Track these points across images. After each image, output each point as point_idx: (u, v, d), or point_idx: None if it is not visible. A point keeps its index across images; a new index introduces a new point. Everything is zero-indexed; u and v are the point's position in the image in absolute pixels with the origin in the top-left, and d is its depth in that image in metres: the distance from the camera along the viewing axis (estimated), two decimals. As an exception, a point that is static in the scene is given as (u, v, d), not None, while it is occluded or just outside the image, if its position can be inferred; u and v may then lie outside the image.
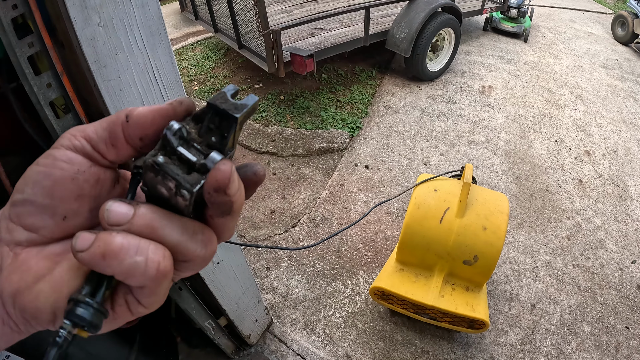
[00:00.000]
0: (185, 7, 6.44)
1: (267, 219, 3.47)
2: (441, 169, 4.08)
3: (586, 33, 8.23)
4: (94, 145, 0.31)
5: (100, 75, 0.92)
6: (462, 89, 5.53)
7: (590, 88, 5.96)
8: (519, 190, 3.92)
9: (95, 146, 0.31)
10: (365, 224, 3.41)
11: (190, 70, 5.82)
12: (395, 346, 2.60)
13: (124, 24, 0.92)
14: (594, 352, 2.65)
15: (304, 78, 5.40)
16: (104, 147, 0.31)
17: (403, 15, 5.01)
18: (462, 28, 5.85)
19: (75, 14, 0.83)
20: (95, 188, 0.32)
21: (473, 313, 2.21)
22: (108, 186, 0.33)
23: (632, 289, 3.08)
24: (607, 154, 4.56)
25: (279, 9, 5.79)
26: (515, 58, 6.59)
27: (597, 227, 3.60)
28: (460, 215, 2.21)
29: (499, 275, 3.07)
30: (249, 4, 4.06)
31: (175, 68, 1.08)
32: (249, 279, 2.06)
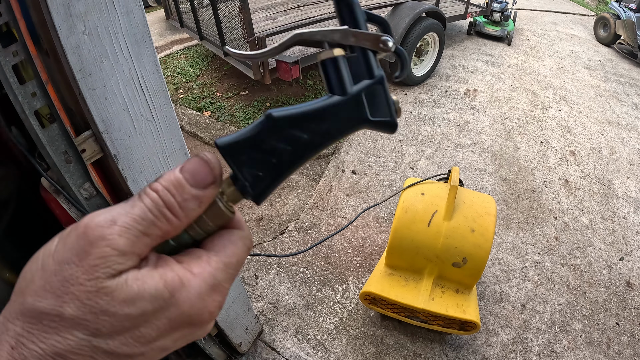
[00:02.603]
0: (170, 14, 6.42)
1: (255, 226, 3.45)
2: (428, 173, 4.10)
3: (569, 35, 8.36)
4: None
5: (85, 83, 0.90)
6: (447, 93, 5.57)
7: (574, 89, 6.04)
8: (505, 191, 3.95)
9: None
10: (354, 229, 3.40)
11: (175, 78, 5.79)
12: (387, 350, 2.59)
13: (109, 32, 0.91)
14: (585, 350, 2.66)
15: (290, 85, 5.40)
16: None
17: (387, 20, 5.03)
18: (447, 32, 5.90)
19: (60, 22, 0.81)
20: None
21: (464, 315, 2.20)
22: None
23: (621, 286, 3.10)
24: (592, 153, 4.61)
25: (264, 15, 5.79)
26: (499, 61, 6.67)
27: (584, 226, 3.63)
28: (448, 218, 2.21)
29: (488, 277, 3.08)
30: (234, 11, 4.06)
31: (160, 76, 1.07)
32: (238, 287, 2.04)
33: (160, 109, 1.06)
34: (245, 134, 0.35)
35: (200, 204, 0.32)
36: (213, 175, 0.33)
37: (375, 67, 0.39)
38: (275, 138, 0.35)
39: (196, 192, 0.32)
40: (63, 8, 0.81)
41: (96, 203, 1.01)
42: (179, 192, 0.31)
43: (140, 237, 0.29)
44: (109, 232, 0.28)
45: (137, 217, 0.29)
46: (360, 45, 0.39)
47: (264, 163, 0.35)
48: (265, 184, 0.36)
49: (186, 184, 0.32)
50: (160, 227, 0.30)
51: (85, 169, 0.95)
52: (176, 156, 1.14)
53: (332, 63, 0.38)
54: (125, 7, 0.91)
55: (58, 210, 1.01)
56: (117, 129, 0.97)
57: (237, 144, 0.35)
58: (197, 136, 4.57)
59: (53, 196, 0.96)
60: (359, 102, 0.38)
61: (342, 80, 0.38)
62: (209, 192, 0.33)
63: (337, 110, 0.37)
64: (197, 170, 0.32)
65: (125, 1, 0.91)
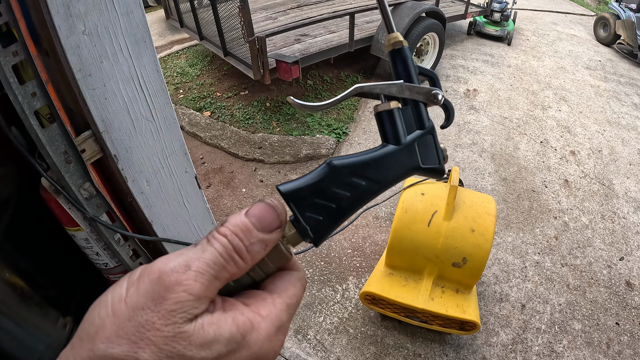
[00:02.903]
0: (170, 14, 6.42)
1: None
2: (429, 172, 4.09)
3: (569, 35, 8.36)
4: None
5: (85, 83, 0.90)
6: (447, 93, 5.57)
7: (574, 89, 6.04)
8: (505, 191, 3.95)
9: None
10: (354, 229, 3.40)
11: (175, 78, 5.79)
12: (387, 350, 2.59)
13: (109, 32, 0.90)
14: (585, 349, 2.66)
15: (290, 84, 5.40)
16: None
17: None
18: (447, 32, 5.90)
19: (60, 22, 0.81)
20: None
21: (464, 315, 2.20)
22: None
23: (620, 286, 3.10)
24: (592, 153, 4.61)
25: (264, 15, 5.79)
26: (499, 61, 6.67)
27: (584, 226, 3.63)
28: (448, 218, 2.21)
29: (488, 277, 3.08)
30: (234, 11, 4.05)
31: (160, 76, 1.07)
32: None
33: (160, 109, 1.06)
34: (307, 181, 0.38)
35: (265, 247, 0.34)
36: (279, 221, 0.35)
37: (426, 119, 0.43)
38: (336, 185, 0.38)
39: (262, 237, 0.33)
40: (63, 8, 0.81)
41: (96, 203, 1.01)
42: (247, 237, 0.33)
43: (212, 281, 0.31)
44: (185, 278, 0.29)
45: (209, 262, 0.31)
46: (414, 98, 0.43)
47: (325, 208, 0.38)
48: (325, 228, 0.38)
49: (253, 228, 0.33)
50: (229, 271, 0.32)
51: (85, 169, 0.95)
52: (176, 156, 1.14)
53: (388, 115, 0.42)
54: (125, 7, 0.91)
55: (58, 210, 1.01)
56: (117, 129, 0.97)
57: (300, 191, 0.37)
58: (197, 136, 4.57)
59: (53, 196, 0.96)
60: (412, 151, 0.42)
61: (397, 131, 0.42)
62: (275, 236, 0.34)
63: (392, 158, 0.41)
64: (264, 216, 0.34)
65: (125, 1, 0.91)
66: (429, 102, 0.44)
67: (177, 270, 0.29)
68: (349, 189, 0.39)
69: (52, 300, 1.12)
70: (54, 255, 1.20)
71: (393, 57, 0.44)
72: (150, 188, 1.10)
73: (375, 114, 0.43)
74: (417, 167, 0.42)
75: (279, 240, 0.36)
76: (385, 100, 0.43)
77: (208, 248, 0.31)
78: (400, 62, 0.44)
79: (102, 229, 1.03)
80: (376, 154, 0.40)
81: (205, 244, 0.32)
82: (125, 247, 1.13)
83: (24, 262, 1.06)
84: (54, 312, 1.11)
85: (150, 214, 1.13)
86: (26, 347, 0.96)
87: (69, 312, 1.15)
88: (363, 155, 0.40)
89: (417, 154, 0.42)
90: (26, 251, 1.08)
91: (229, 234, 0.32)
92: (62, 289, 1.18)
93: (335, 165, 0.38)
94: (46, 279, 1.13)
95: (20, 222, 1.06)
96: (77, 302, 1.21)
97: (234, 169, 4.09)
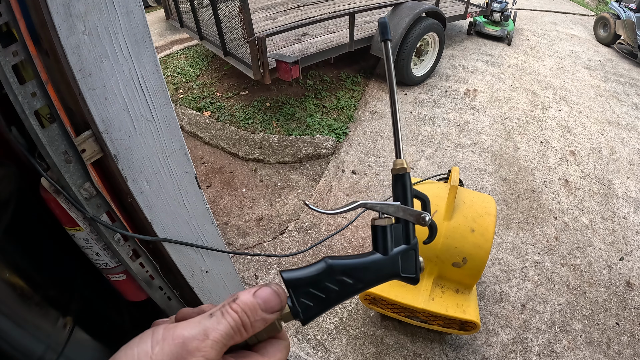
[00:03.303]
0: (170, 14, 6.42)
1: (255, 226, 3.45)
2: (428, 173, 4.10)
3: (569, 35, 8.36)
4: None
5: (85, 83, 0.90)
6: (447, 93, 5.57)
7: (574, 89, 6.04)
8: (505, 191, 3.95)
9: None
10: (354, 229, 3.40)
11: (175, 78, 5.79)
12: (387, 350, 2.59)
13: (109, 32, 0.90)
14: (585, 349, 2.66)
15: (290, 85, 5.40)
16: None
17: (388, 20, 5.03)
18: (446, 32, 5.90)
19: (60, 22, 0.81)
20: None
21: (464, 315, 2.20)
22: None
23: (620, 286, 3.10)
24: (592, 153, 4.61)
25: (264, 15, 5.80)
26: (499, 61, 6.67)
27: (584, 226, 3.63)
28: (448, 218, 2.21)
29: (488, 277, 3.08)
30: (234, 11, 4.05)
31: (160, 76, 1.06)
32: (238, 287, 2.03)
33: (160, 109, 1.06)
34: (306, 273, 0.46)
35: (265, 323, 0.42)
36: (280, 305, 0.43)
37: (412, 236, 0.52)
38: (328, 280, 0.47)
39: (265, 316, 0.41)
40: (63, 8, 0.81)
41: (96, 203, 1.01)
42: (252, 314, 0.41)
43: (222, 348, 0.39)
44: (204, 345, 0.37)
45: (223, 333, 0.39)
46: (406, 218, 0.52)
47: (316, 297, 0.46)
48: (314, 312, 0.47)
49: (259, 308, 0.41)
50: (235, 339, 0.40)
51: (85, 169, 0.95)
52: (176, 156, 1.14)
53: (381, 230, 0.51)
54: (125, 7, 0.91)
55: (58, 210, 1.01)
56: (117, 129, 0.97)
57: (299, 280, 0.46)
58: (197, 136, 4.57)
59: (53, 196, 0.96)
60: (394, 262, 0.51)
61: (386, 245, 0.51)
62: (274, 317, 0.43)
63: (378, 265, 0.50)
64: (269, 299, 0.42)
65: (125, 1, 0.91)
66: (417, 223, 0.52)
67: (197, 338, 0.37)
68: (338, 284, 0.47)
69: (52, 300, 1.12)
70: (54, 255, 1.20)
71: (396, 180, 0.54)
72: (150, 188, 1.10)
73: (371, 225, 0.52)
74: (397, 274, 0.51)
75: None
76: (381, 216, 0.52)
77: (222, 321, 0.39)
78: (401, 187, 0.53)
79: (102, 229, 1.03)
80: (365, 260, 0.49)
81: (219, 316, 0.39)
82: (125, 247, 1.14)
83: (24, 262, 1.06)
84: (54, 312, 1.11)
85: (150, 214, 1.13)
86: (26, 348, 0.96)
87: (69, 312, 1.15)
88: (354, 259, 0.49)
89: (399, 264, 0.51)
90: (26, 251, 1.08)
91: (239, 311, 0.40)
92: (62, 289, 1.18)
93: (330, 264, 0.47)
94: (46, 279, 1.13)
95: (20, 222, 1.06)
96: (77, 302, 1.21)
97: (234, 169, 4.09)
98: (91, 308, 1.34)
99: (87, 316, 1.25)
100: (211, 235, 1.50)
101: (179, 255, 1.35)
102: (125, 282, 1.22)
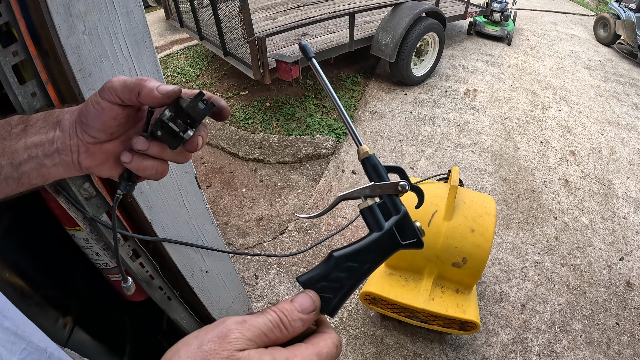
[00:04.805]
0: (170, 14, 6.42)
1: (255, 226, 3.45)
2: (428, 173, 4.10)
3: (569, 35, 8.36)
4: (123, 100, 0.51)
5: (85, 83, 0.90)
6: (447, 93, 5.57)
7: (574, 89, 6.04)
8: (505, 191, 3.95)
9: (124, 100, 0.51)
10: (354, 229, 3.40)
11: (175, 78, 5.79)
12: (387, 350, 2.59)
13: (109, 32, 0.90)
14: (585, 350, 2.66)
15: (290, 84, 5.40)
16: (129, 101, 0.51)
17: (387, 20, 5.04)
18: (446, 32, 5.90)
19: (60, 22, 0.81)
20: (128, 118, 0.55)
21: (464, 315, 2.20)
22: (135, 115, 0.57)
23: (620, 286, 3.10)
24: (592, 153, 4.62)
25: (264, 15, 5.80)
26: (499, 61, 6.67)
27: (584, 226, 3.63)
28: (448, 218, 2.21)
29: (488, 277, 3.08)
30: (234, 11, 4.05)
31: (160, 76, 1.07)
32: (238, 287, 2.03)
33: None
34: (317, 272, 0.50)
35: (304, 324, 0.47)
36: (315, 307, 0.48)
37: (400, 205, 0.54)
38: (337, 270, 0.50)
39: (301, 316, 0.46)
40: (63, 8, 0.81)
41: (96, 203, 1.01)
42: (289, 315, 0.46)
43: (260, 335, 0.43)
44: (241, 327, 0.42)
45: (260, 323, 0.43)
46: (386, 193, 0.54)
47: (332, 288, 0.50)
48: (334, 303, 0.51)
49: (295, 310, 0.46)
50: (275, 334, 0.44)
51: (85, 169, 0.95)
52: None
53: (368, 210, 0.54)
54: (125, 7, 0.91)
55: (58, 210, 1.01)
56: (117, 129, 0.97)
57: (312, 279, 0.50)
58: (197, 136, 4.56)
59: (53, 196, 0.96)
60: (391, 234, 0.52)
61: (377, 222, 0.53)
62: (311, 317, 0.47)
63: (377, 243, 0.52)
64: (304, 302, 0.47)
65: (125, 1, 0.91)
66: (397, 192, 0.54)
67: (237, 321, 0.43)
68: (347, 271, 0.50)
69: (52, 300, 1.12)
70: (54, 255, 1.20)
71: (364, 164, 0.57)
72: (150, 188, 1.10)
73: (359, 211, 0.55)
74: (399, 245, 0.53)
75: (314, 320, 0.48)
76: (364, 200, 0.55)
77: (262, 316, 0.44)
78: (371, 167, 0.56)
79: (102, 229, 1.03)
80: (364, 242, 0.51)
81: (260, 314, 0.45)
82: (125, 247, 1.13)
83: (24, 262, 1.06)
84: (54, 312, 1.11)
85: (150, 214, 1.13)
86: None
87: (69, 312, 1.16)
88: (356, 244, 0.51)
89: (396, 235, 0.52)
90: (26, 251, 1.08)
91: (277, 311, 0.45)
92: (62, 289, 1.18)
93: (335, 256, 0.50)
94: (46, 279, 1.13)
95: (20, 222, 1.06)
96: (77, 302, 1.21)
97: (234, 169, 4.09)
98: (91, 308, 1.34)
99: (87, 316, 1.26)
100: (211, 235, 1.50)
101: (179, 255, 1.35)
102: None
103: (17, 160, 0.53)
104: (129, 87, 0.51)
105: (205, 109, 0.53)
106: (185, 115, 0.52)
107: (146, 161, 0.55)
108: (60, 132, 0.55)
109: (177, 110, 0.52)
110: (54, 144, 0.54)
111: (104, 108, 0.52)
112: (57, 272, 1.18)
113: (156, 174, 0.57)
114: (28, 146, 0.54)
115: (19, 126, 0.55)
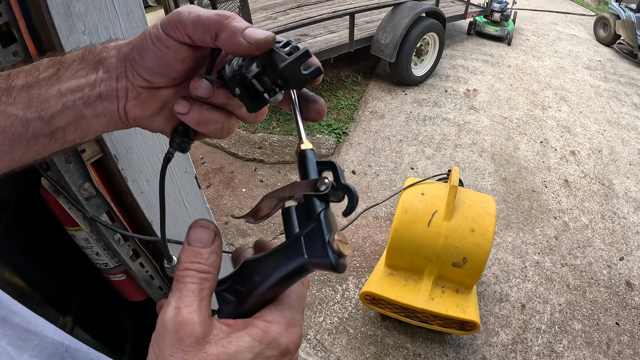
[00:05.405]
0: (169, 16, 6.41)
1: (255, 226, 3.45)
2: (428, 173, 4.10)
3: (569, 35, 8.36)
4: (194, 40, 0.41)
5: (85, 83, 0.90)
6: (447, 93, 5.57)
7: (574, 89, 6.04)
8: (505, 191, 3.95)
9: (195, 40, 0.41)
10: (354, 229, 3.40)
11: (175, 79, 5.78)
12: (387, 350, 2.59)
13: (109, 32, 0.90)
14: (585, 349, 2.66)
15: (290, 84, 5.40)
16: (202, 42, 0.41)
17: (387, 20, 5.04)
18: (446, 32, 5.90)
19: (60, 22, 0.81)
20: (199, 61, 0.45)
21: (464, 315, 2.21)
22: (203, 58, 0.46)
23: (620, 286, 3.10)
24: (592, 153, 4.62)
25: (264, 15, 5.79)
26: (499, 61, 6.67)
27: (584, 226, 3.63)
28: (448, 218, 2.21)
29: (488, 277, 3.08)
30: (234, 11, 4.05)
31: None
32: (237, 287, 2.03)
33: (160, 109, 1.06)
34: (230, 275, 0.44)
35: (217, 254, 0.41)
36: (213, 232, 0.42)
37: (316, 209, 0.41)
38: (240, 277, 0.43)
39: (209, 249, 0.41)
40: (63, 8, 0.81)
41: (96, 203, 1.01)
42: (199, 258, 0.40)
43: (200, 304, 0.37)
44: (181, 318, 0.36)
45: (189, 294, 0.38)
46: (303, 193, 0.43)
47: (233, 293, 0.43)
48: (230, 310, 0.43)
49: (199, 249, 0.40)
50: (205, 287, 0.39)
51: (85, 169, 0.95)
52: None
53: (284, 214, 0.44)
54: (125, 7, 0.91)
55: (58, 210, 1.01)
56: (117, 129, 0.97)
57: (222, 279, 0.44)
58: (197, 136, 4.56)
59: (53, 196, 0.96)
60: (297, 244, 0.40)
61: (290, 227, 0.43)
62: (218, 243, 0.42)
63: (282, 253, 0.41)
64: (201, 236, 0.41)
65: (125, 1, 0.91)
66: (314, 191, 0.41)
67: (173, 317, 0.36)
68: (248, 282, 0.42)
69: (52, 300, 1.12)
70: (54, 255, 1.20)
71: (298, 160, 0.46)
72: (150, 188, 1.10)
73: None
74: (303, 258, 0.39)
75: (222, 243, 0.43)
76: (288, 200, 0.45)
77: (180, 287, 0.38)
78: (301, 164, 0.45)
79: (102, 229, 1.03)
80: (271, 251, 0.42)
81: (176, 285, 0.39)
82: (125, 247, 1.13)
83: (24, 262, 1.06)
84: (54, 312, 1.11)
85: (150, 214, 1.13)
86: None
87: (69, 312, 1.16)
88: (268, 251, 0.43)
89: (302, 246, 0.39)
90: (26, 251, 1.08)
91: (188, 266, 0.39)
92: (62, 289, 1.18)
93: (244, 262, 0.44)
94: (46, 279, 1.13)
95: (20, 222, 1.06)
96: (77, 302, 1.21)
97: (234, 169, 4.09)
98: (91, 308, 1.34)
99: (87, 316, 1.26)
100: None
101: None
102: (125, 282, 1.22)
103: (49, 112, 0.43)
104: (204, 25, 0.40)
105: (308, 75, 0.41)
106: (277, 76, 0.43)
107: (209, 112, 0.45)
108: (104, 73, 0.44)
109: (268, 66, 0.43)
110: (96, 87, 0.44)
111: (169, 47, 0.42)
112: (57, 272, 1.18)
113: (222, 129, 0.46)
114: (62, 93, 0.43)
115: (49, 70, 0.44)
